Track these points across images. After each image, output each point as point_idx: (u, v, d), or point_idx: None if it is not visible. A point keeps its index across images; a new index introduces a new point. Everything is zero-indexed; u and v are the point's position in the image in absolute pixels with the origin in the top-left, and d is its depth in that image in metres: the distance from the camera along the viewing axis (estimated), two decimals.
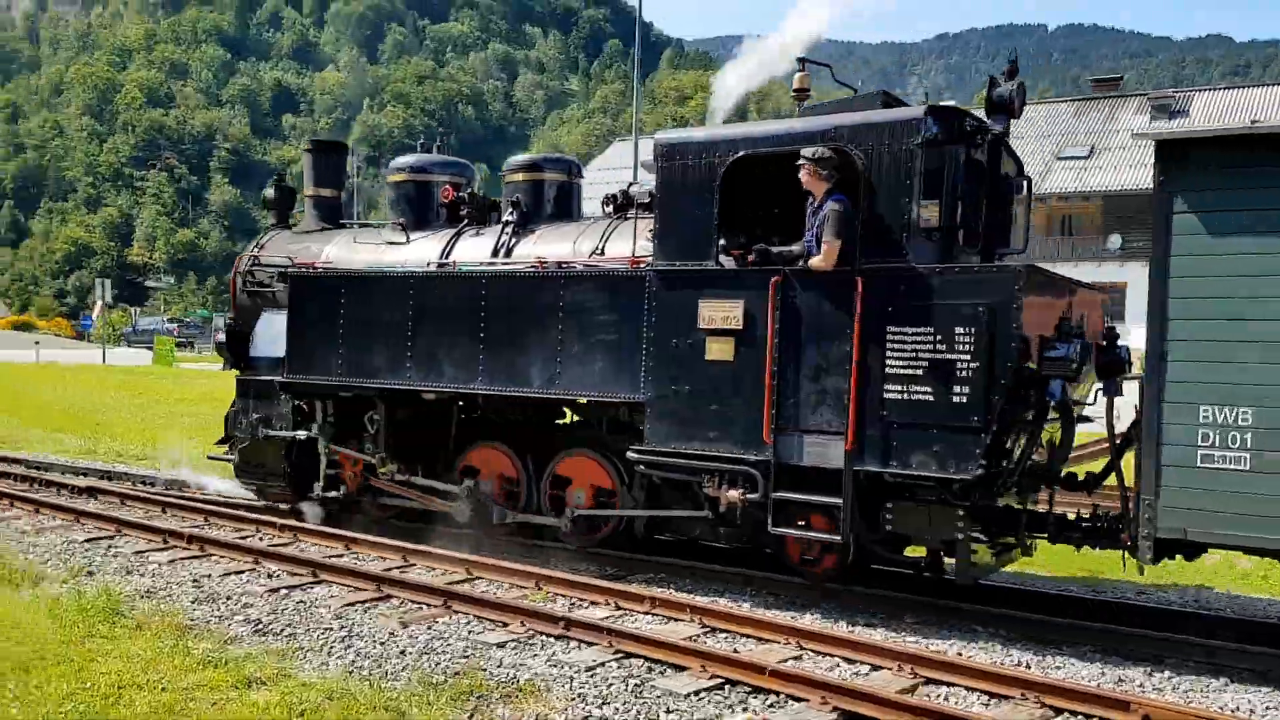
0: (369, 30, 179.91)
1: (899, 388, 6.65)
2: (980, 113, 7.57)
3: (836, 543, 7.04)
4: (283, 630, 6.73)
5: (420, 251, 9.71)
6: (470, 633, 6.73)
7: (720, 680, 5.81)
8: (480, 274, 8.78)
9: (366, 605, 7.36)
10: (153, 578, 8.00)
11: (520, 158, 9.89)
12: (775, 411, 7.07)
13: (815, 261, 6.96)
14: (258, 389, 10.36)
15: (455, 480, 9.25)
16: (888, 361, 6.70)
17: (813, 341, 6.98)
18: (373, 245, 10.19)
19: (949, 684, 5.84)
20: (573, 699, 5.55)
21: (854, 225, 6.87)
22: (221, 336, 11.15)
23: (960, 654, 6.42)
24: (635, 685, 5.78)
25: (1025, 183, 7.87)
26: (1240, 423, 5.89)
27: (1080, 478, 7.35)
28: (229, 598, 7.47)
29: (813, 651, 6.39)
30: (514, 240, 9.20)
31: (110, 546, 9.03)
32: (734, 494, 7.24)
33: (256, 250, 11.16)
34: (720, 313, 7.30)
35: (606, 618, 6.93)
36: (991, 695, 5.68)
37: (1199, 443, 5.98)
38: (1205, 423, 5.96)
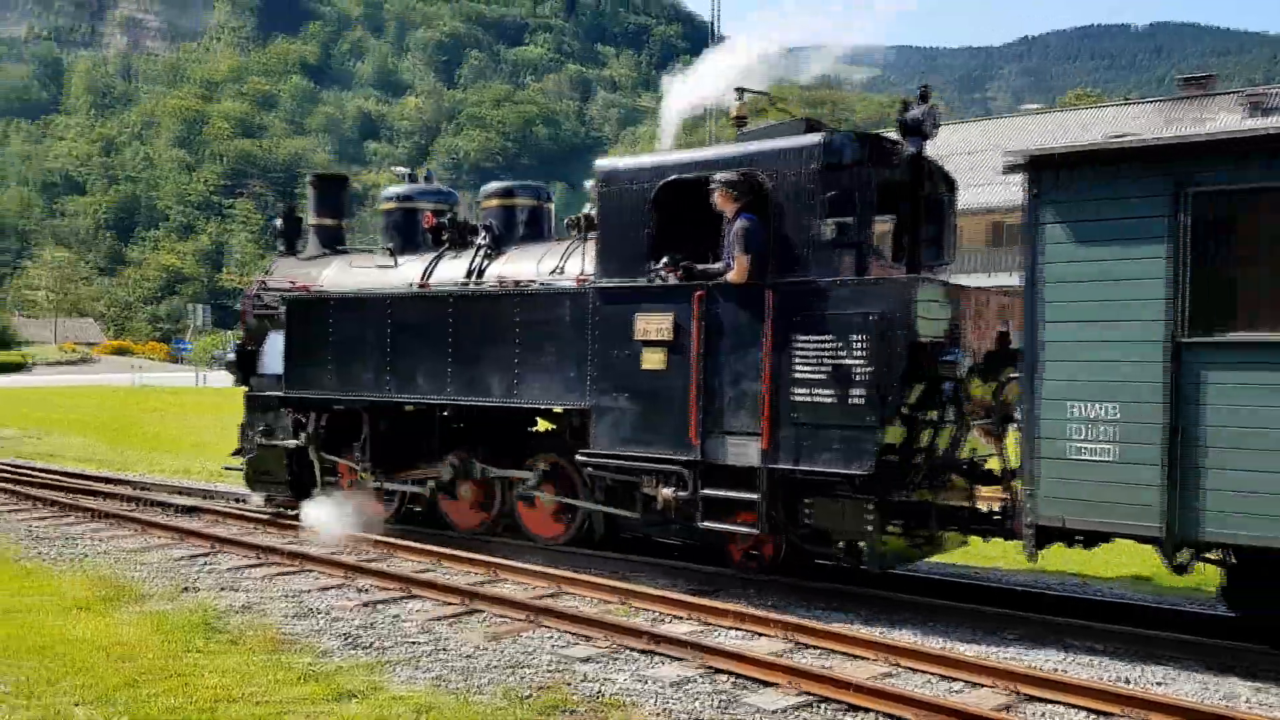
0: (447, 56, 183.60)
1: (805, 391, 7.26)
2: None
3: (757, 535, 7.74)
4: (374, 644, 6.84)
5: (405, 274, 10.48)
6: (556, 647, 6.77)
7: (810, 697, 5.74)
8: (447, 294, 9.59)
9: (454, 619, 7.46)
10: (249, 593, 8.22)
11: (494, 185, 10.65)
12: (701, 415, 7.71)
13: (730, 275, 7.60)
14: (262, 403, 11.17)
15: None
16: (795, 367, 7.32)
17: (731, 350, 7.61)
18: (365, 269, 10.93)
19: (1050, 701, 5.68)
20: (659, 714, 5.54)
21: (763, 241, 7.50)
22: (232, 356, 11.90)
23: (1059, 670, 6.24)
24: (723, 701, 5.74)
25: (952, 198, 8.41)
26: (1106, 417, 6.39)
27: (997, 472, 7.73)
28: (323, 612, 7.63)
29: (906, 668, 6.28)
30: (486, 262, 9.92)
31: (208, 563, 9.30)
32: (667, 492, 7.88)
33: (264, 276, 12.05)
34: (653, 325, 7.96)
35: (692, 632, 6.91)
36: (1094, 712, 5.51)
37: (1070, 436, 6.47)
38: (1074, 418, 6.45)
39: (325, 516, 10.29)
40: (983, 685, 5.91)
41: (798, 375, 7.30)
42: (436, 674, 6.22)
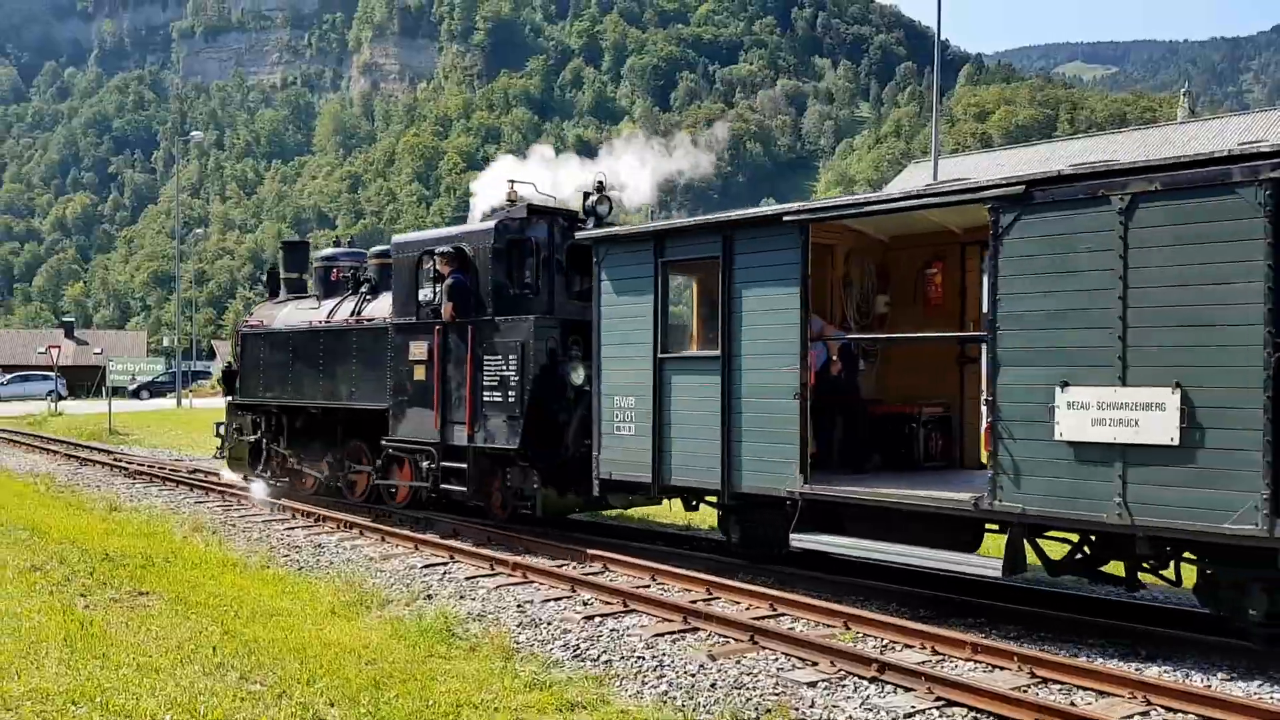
0: (662, 80, 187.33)
1: (488, 393, 10.86)
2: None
3: (465, 492, 11.30)
4: (599, 656, 6.94)
5: (320, 313, 13.92)
6: (779, 669, 6.64)
7: None
8: (316, 329, 13.56)
9: (675, 636, 7.46)
10: (482, 602, 8.55)
11: (376, 249, 13.83)
12: (440, 411, 11.36)
13: (444, 315, 11.24)
14: (236, 408, 15.33)
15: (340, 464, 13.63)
16: (484, 378, 10.91)
17: (454, 366, 11.24)
18: (302, 310, 14.44)
19: None
20: None
21: (466, 292, 11.11)
22: (219, 375, 16.03)
23: None
24: None
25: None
26: (628, 408, 9.70)
27: None
28: (549, 622, 7.83)
29: (1162, 707, 5.75)
30: (364, 304, 13.24)
31: (445, 572, 9.76)
32: (427, 464, 11.56)
33: (248, 314, 16.19)
34: (417, 349, 11.62)
35: (924, 662, 6.61)
36: None
37: (615, 419, 9.81)
38: (616, 406, 9.82)
39: (261, 487, 14.81)
40: None
41: (485, 383, 10.90)
42: (661, 690, 6.23)
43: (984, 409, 8.23)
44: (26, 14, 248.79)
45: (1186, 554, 6.90)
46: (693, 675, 6.51)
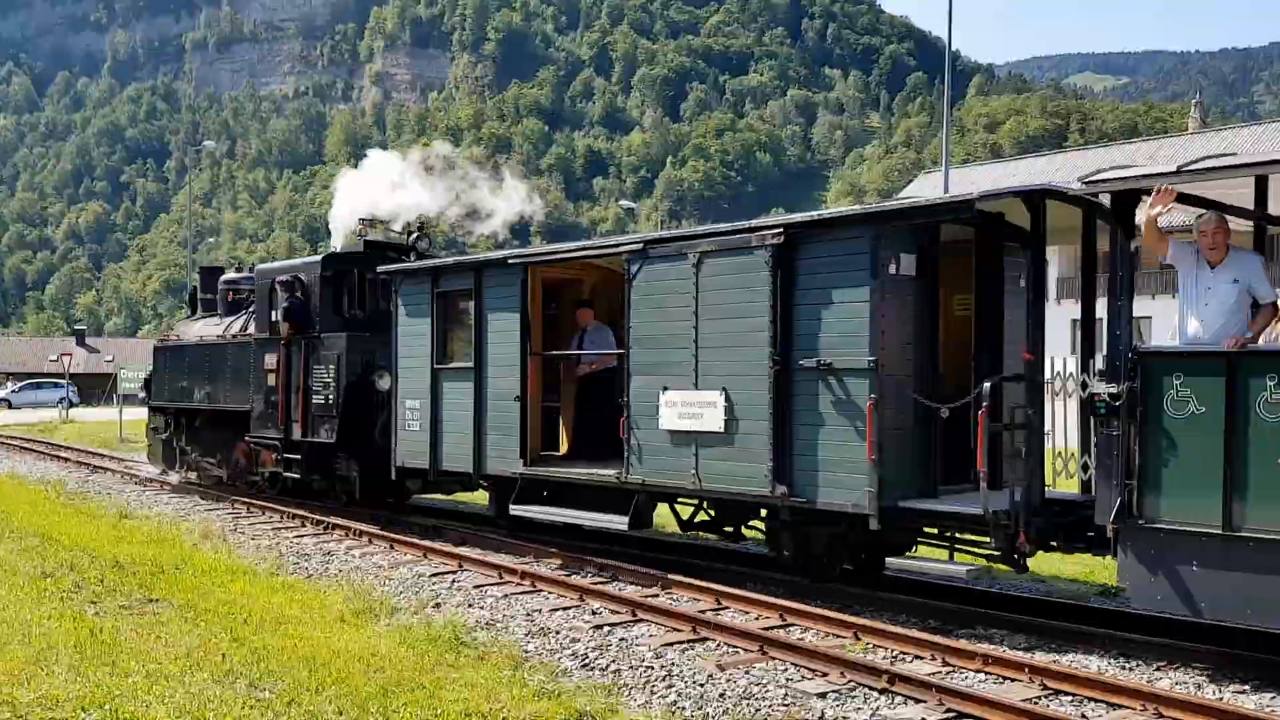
0: (672, 91, 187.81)
1: (316, 397, 13.36)
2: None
3: (298, 479, 14.07)
4: (608, 666, 6.93)
5: (218, 330, 16.20)
6: (788, 680, 6.61)
7: None
8: (206, 343, 16.22)
9: (684, 645, 7.44)
10: (491, 610, 8.54)
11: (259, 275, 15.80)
12: (285, 412, 13.77)
13: (282, 333, 13.79)
14: (153, 410, 18.19)
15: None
16: (313, 384, 13.41)
17: (293, 374, 13.69)
18: (205, 327, 16.86)
19: None
20: None
21: (301, 313, 13.61)
22: (141, 382, 19.83)
23: None
24: None
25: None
26: (416, 408, 11.91)
27: None
28: (558, 632, 7.81)
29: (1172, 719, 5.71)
30: (250, 323, 15.17)
31: (454, 581, 9.76)
32: (273, 457, 14.22)
33: (168, 329, 19.22)
34: (270, 360, 14.05)
35: (934, 673, 6.57)
36: None
37: (406, 417, 12.06)
38: (407, 408, 12.03)
39: (173, 478, 17.58)
40: None
41: (313, 389, 13.39)
42: (670, 700, 6.21)
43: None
44: (40, 24, 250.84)
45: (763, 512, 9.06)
46: (702, 685, 6.49)
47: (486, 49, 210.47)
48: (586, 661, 7.04)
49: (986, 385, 7.47)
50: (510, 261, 10.76)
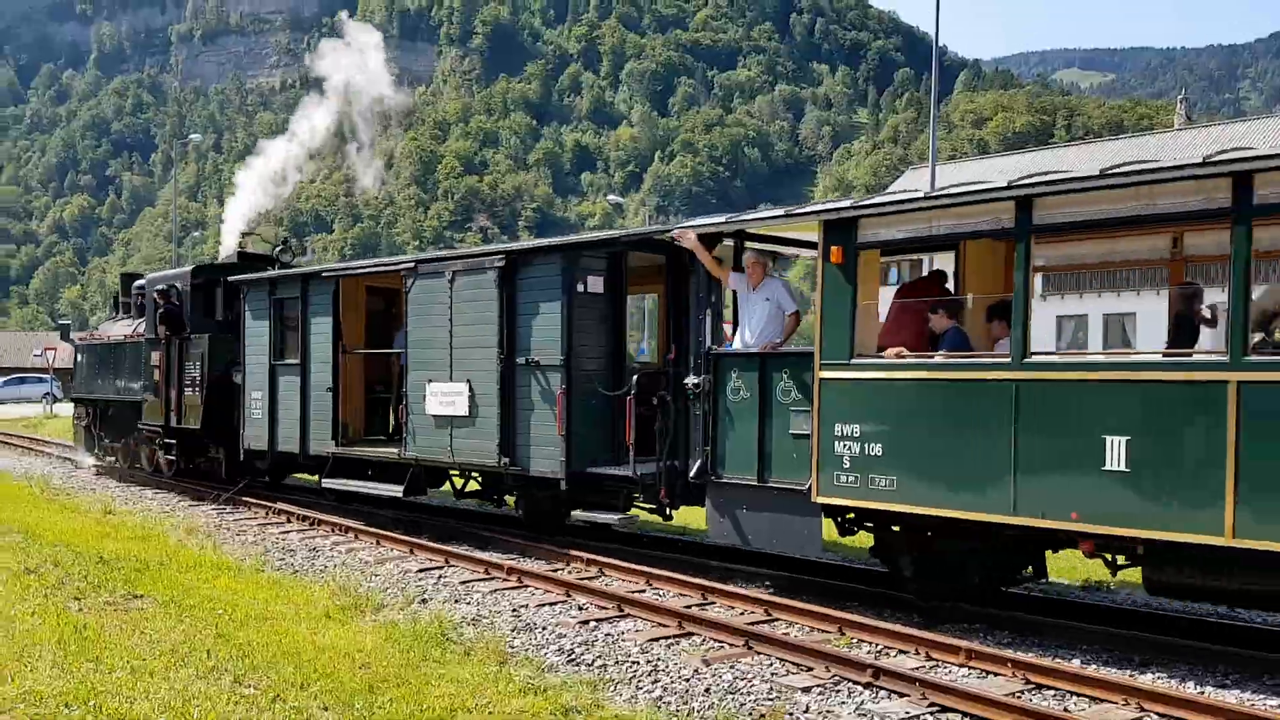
0: (660, 85, 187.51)
1: (186, 390, 15.43)
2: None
3: (173, 460, 16.44)
4: (594, 661, 6.94)
5: (129, 330, 17.84)
6: (773, 674, 6.64)
7: None
8: (112, 342, 18.41)
9: (669, 641, 7.46)
10: (477, 606, 8.55)
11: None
12: (165, 403, 15.91)
13: (160, 335, 15.93)
14: (75, 402, 21.00)
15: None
16: (185, 379, 15.53)
17: (171, 370, 15.79)
18: (119, 327, 18.70)
19: None
20: None
21: (175, 317, 15.77)
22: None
23: None
24: None
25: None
26: (259, 399, 14.01)
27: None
28: (544, 627, 7.82)
29: (1156, 714, 5.75)
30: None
31: (440, 577, 9.75)
32: (159, 441, 16.50)
33: (92, 330, 21.63)
34: (156, 357, 16.17)
35: (918, 668, 6.61)
36: None
37: (251, 407, 14.12)
38: (252, 399, 14.16)
39: (90, 461, 19.79)
40: None
41: (185, 383, 15.56)
42: (656, 695, 6.22)
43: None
44: (24, 15, 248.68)
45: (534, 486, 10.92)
46: (687, 680, 6.51)
47: (474, 43, 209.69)
48: (573, 657, 7.05)
49: (634, 378, 9.66)
50: (324, 275, 13.20)
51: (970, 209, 7.30)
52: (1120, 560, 6.96)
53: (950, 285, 8.89)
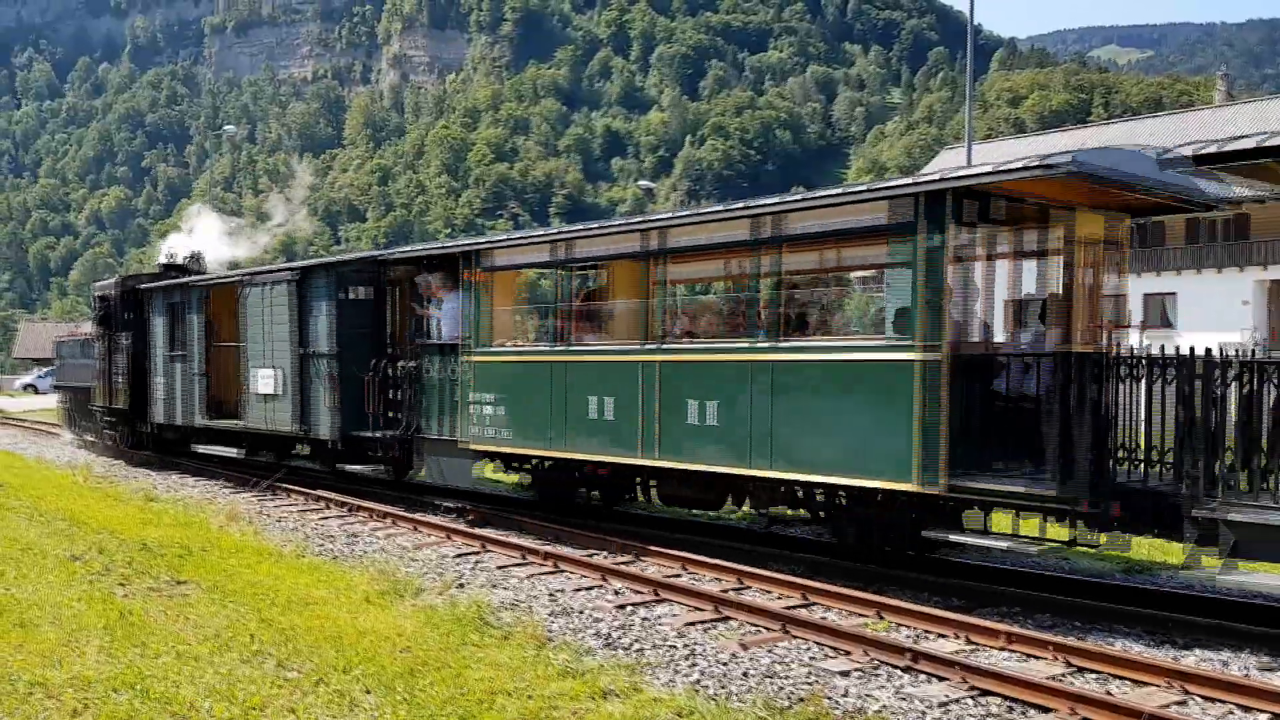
0: (690, 69, 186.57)
1: (117, 378, 18.89)
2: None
3: (115, 435, 19.97)
4: (631, 645, 6.96)
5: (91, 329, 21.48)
6: (811, 659, 6.63)
7: None
8: (77, 338, 23.49)
9: (706, 625, 7.47)
10: (514, 591, 8.60)
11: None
12: (105, 387, 19.46)
13: (100, 332, 19.62)
14: (57, 389, 26.36)
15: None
16: (114, 370, 19.03)
17: (109, 362, 19.28)
18: (89, 326, 22.07)
19: None
20: None
21: (108, 320, 19.17)
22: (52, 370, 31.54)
23: None
24: None
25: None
26: (160, 383, 17.80)
27: None
28: (581, 611, 7.86)
29: (1200, 696, 5.69)
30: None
31: (477, 562, 9.82)
32: (104, 420, 20.11)
33: (71, 330, 32.49)
34: (101, 351, 19.67)
35: (957, 652, 6.57)
36: None
37: (156, 390, 17.87)
38: (155, 383, 17.96)
39: (70, 436, 23.98)
40: None
41: (115, 372, 18.88)
42: (694, 679, 6.24)
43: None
44: (60, 10, 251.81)
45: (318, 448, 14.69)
46: (725, 664, 6.52)
47: (504, 29, 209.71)
48: (610, 641, 7.08)
49: (375, 363, 12.92)
50: (194, 285, 16.87)
51: (534, 248, 11.13)
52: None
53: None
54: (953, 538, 7.81)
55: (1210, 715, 5.49)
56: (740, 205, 8.90)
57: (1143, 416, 7.00)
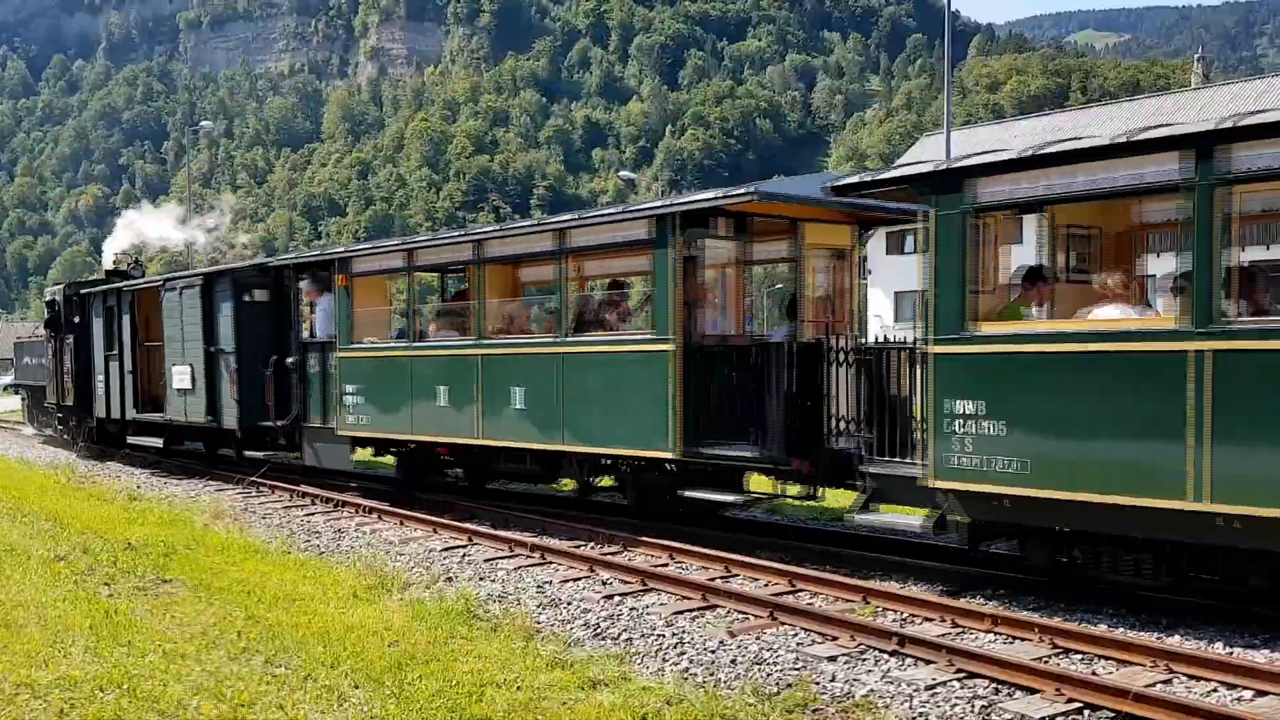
0: (669, 59, 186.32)
1: (65, 376, 20.00)
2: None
3: (63, 430, 21.73)
4: (620, 635, 6.98)
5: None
6: (799, 645, 6.66)
7: (1079, 705, 5.35)
8: (36, 339, 23.56)
9: (694, 613, 7.49)
10: (502, 583, 8.60)
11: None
12: (57, 385, 20.48)
13: (51, 334, 20.77)
14: (18, 388, 27.74)
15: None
16: (62, 366, 20.06)
17: (60, 361, 20.35)
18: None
19: None
20: (914, 718, 5.32)
21: (56, 321, 20.38)
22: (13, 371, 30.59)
23: None
24: (982, 707, 5.45)
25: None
26: (101, 380, 18.83)
27: None
28: (569, 602, 7.86)
29: (1184, 675, 5.74)
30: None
31: (464, 555, 9.81)
32: (56, 415, 21.59)
33: (33, 331, 29.44)
34: (52, 351, 20.81)
35: (944, 635, 6.61)
36: None
37: (97, 386, 19.11)
38: (96, 381, 19.08)
39: (31, 431, 25.26)
40: (1273, 694, 5.31)
41: (64, 370, 19.88)
42: (682, 667, 6.26)
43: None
44: (34, 7, 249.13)
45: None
46: (713, 652, 6.54)
47: (481, 21, 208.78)
48: (598, 631, 7.09)
49: (273, 359, 14.09)
50: (124, 289, 17.93)
51: (388, 256, 12.84)
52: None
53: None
54: (688, 494, 9.48)
55: (1195, 691, 5.54)
56: (539, 221, 11.15)
57: (852, 394, 8.54)
